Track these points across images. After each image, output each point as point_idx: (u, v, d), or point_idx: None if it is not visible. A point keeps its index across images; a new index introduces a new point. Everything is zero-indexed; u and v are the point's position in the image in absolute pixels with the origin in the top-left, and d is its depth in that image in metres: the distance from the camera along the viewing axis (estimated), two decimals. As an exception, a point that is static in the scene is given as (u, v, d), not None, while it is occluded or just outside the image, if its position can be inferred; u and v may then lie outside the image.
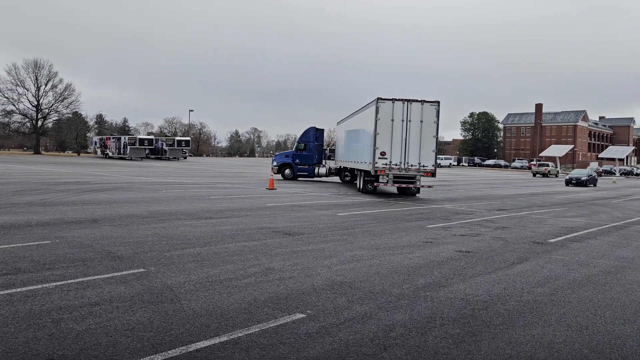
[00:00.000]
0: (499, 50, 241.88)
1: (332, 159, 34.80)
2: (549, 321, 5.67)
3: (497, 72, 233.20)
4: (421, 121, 20.73)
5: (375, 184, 21.90)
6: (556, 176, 66.30)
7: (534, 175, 65.40)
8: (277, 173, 33.55)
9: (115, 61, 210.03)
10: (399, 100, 20.71)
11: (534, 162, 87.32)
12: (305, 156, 33.24)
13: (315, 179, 33.84)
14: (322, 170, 33.54)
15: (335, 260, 8.30)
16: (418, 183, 21.43)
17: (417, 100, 20.81)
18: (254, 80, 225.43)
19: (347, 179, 32.34)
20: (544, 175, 64.75)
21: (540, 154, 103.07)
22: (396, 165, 20.84)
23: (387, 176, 20.98)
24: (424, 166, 20.92)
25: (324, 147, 34.88)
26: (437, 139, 21.10)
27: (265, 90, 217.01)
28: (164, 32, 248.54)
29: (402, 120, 20.69)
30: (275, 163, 34.30)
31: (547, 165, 68.32)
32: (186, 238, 9.75)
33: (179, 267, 7.37)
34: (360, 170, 24.28)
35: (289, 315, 5.43)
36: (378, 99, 20.76)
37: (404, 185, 21.63)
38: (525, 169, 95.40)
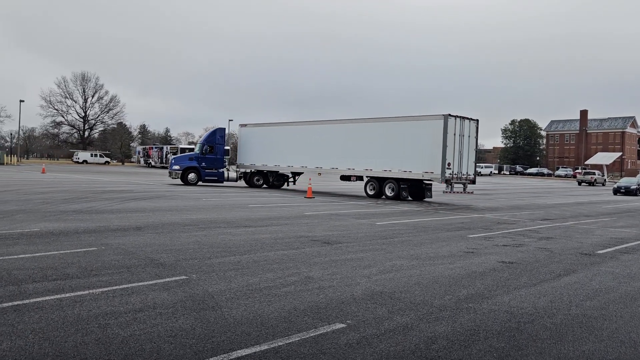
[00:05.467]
0: (539, 50, 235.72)
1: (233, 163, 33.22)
2: (600, 337, 5.44)
3: (539, 77, 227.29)
4: (468, 136, 24.21)
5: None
6: (603, 185, 64.04)
7: (580, 183, 63.30)
8: (178, 177, 31.24)
9: (157, 72, 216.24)
10: (458, 117, 23.76)
11: (579, 171, 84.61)
12: (212, 159, 31.49)
13: (225, 183, 32.34)
14: (233, 174, 32.40)
15: (375, 270, 8.22)
16: (466, 189, 24.67)
17: (467, 118, 24.21)
18: (292, 90, 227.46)
19: (259, 183, 31.95)
20: (590, 183, 62.61)
21: (586, 162, 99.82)
22: (455, 174, 23.74)
23: (451, 185, 23.60)
24: (469, 174, 24.45)
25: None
26: (476, 151, 25.04)
27: (303, 99, 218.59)
28: (203, 44, 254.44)
29: (460, 135, 23.76)
30: (177, 167, 31.33)
31: (594, 174, 66.07)
32: (226, 246, 9.87)
33: (220, 274, 7.45)
34: (390, 179, 25.43)
35: (329, 325, 5.40)
36: (448, 115, 23.29)
37: (460, 191, 24.44)
38: (570, 177, 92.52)
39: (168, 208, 16.74)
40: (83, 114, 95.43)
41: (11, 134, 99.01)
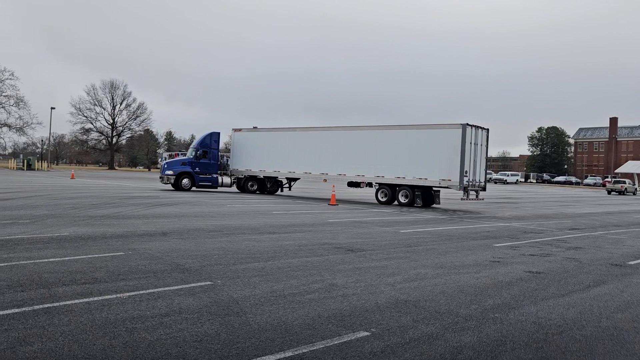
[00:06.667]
0: (567, 55, 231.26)
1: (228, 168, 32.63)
2: (632, 350, 5.29)
3: (567, 83, 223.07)
4: (481, 144, 24.98)
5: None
6: (634, 194, 62.42)
7: (609, 192, 61.85)
8: (169, 183, 30.65)
9: (183, 80, 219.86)
10: (474, 126, 24.51)
11: (608, 179, 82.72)
12: (206, 164, 31.00)
13: (219, 189, 32.01)
14: (227, 179, 31.91)
15: (399, 278, 8.17)
16: (478, 196, 25.39)
17: (479, 127, 24.95)
18: (316, 97, 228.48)
19: (253, 188, 31.59)
20: (620, 192, 61.10)
21: (616, 170, 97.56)
22: (470, 182, 24.42)
23: (467, 192, 24.34)
24: (480, 182, 25.22)
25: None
26: (487, 159, 25.80)
27: (327, 106, 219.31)
28: (228, 53, 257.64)
29: (475, 144, 24.50)
30: (170, 172, 30.63)
31: (624, 182, 64.41)
32: (250, 252, 9.93)
33: (244, 280, 7.50)
34: (404, 185, 25.83)
35: (353, 333, 5.37)
36: (466, 124, 24.01)
37: (473, 198, 25.08)
38: (599, 186, 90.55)
39: (193, 214, 16.93)
40: (111, 121, 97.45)
41: (42, 140, 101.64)
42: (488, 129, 25.52)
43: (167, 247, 10.12)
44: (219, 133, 32.36)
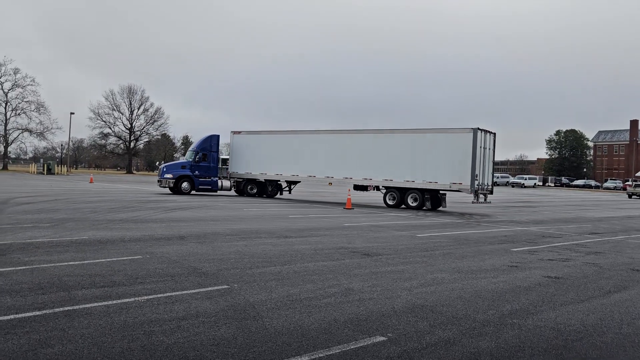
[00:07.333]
0: (584, 57, 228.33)
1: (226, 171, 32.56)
2: (654, 357, 5.20)
3: (585, 86, 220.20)
4: (488, 148, 25.35)
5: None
6: (655, 198, 61.19)
7: (630, 196, 60.76)
8: (167, 187, 30.34)
9: (200, 85, 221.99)
10: (484, 131, 24.88)
11: (629, 183, 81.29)
12: (206, 167, 30.80)
13: (219, 192, 31.91)
14: (227, 183, 31.69)
15: (416, 283, 8.13)
16: (487, 198, 25.69)
17: (488, 131, 25.35)
18: (332, 102, 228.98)
19: (253, 191, 31.52)
20: (641, 196, 59.98)
21: (637, 174, 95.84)
22: (480, 185, 24.77)
23: (478, 195, 24.67)
24: (488, 185, 25.56)
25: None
26: (493, 162, 26.26)
27: (344, 111, 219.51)
28: (244, 57, 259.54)
29: (485, 148, 24.93)
30: (169, 175, 30.23)
31: (645, 186, 63.22)
32: (267, 256, 9.97)
33: (261, 284, 7.53)
34: (413, 189, 25.98)
35: (370, 338, 5.36)
36: (477, 129, 24.38)
37: (482, 201, 25.28)
38: (620, 189, 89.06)
39: (210, 218, 17.04)
40: (129, 126, 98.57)
41: (62, 145, 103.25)
42: (495, 133, 25.86)
43: (184, 251, 10.21)
44: (218, 136, 32.19)
